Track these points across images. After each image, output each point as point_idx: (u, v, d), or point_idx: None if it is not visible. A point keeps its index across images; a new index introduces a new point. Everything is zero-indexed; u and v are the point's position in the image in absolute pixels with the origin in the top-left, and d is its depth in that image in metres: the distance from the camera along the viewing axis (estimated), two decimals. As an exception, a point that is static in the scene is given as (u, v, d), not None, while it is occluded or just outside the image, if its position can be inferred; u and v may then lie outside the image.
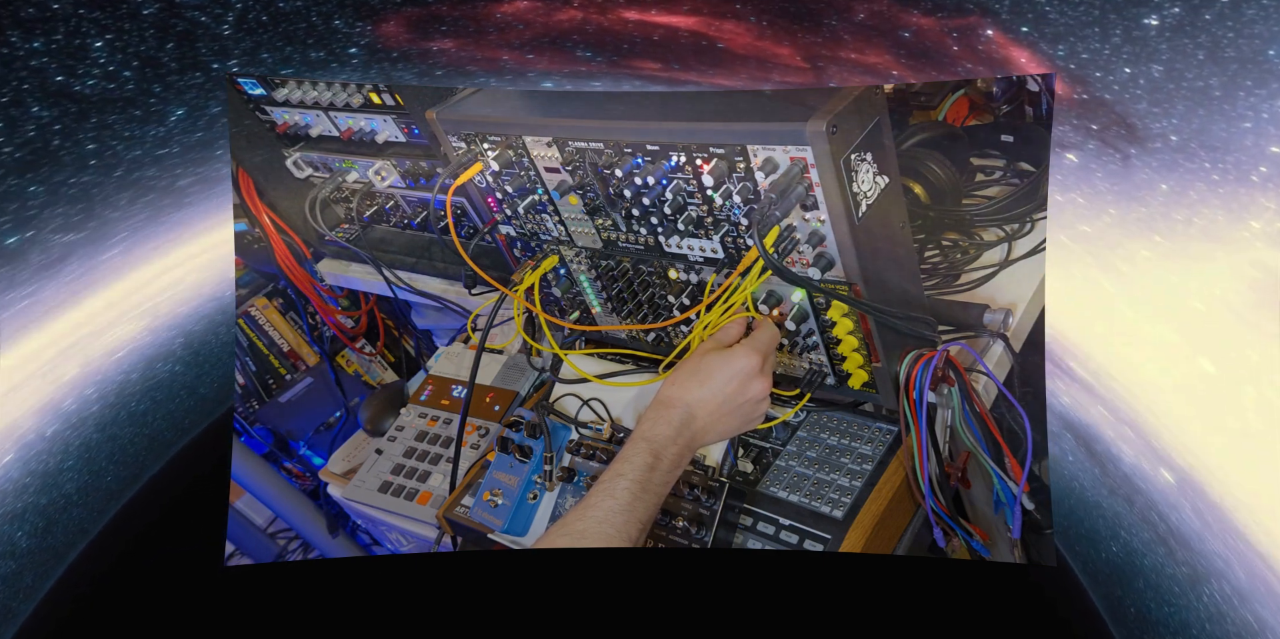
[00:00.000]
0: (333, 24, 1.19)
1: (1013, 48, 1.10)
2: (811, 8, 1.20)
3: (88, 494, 1.45)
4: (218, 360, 1.64)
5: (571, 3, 1.29)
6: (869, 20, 1.18)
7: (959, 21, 1.11)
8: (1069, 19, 1.03)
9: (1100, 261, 1.17)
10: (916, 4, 1.15)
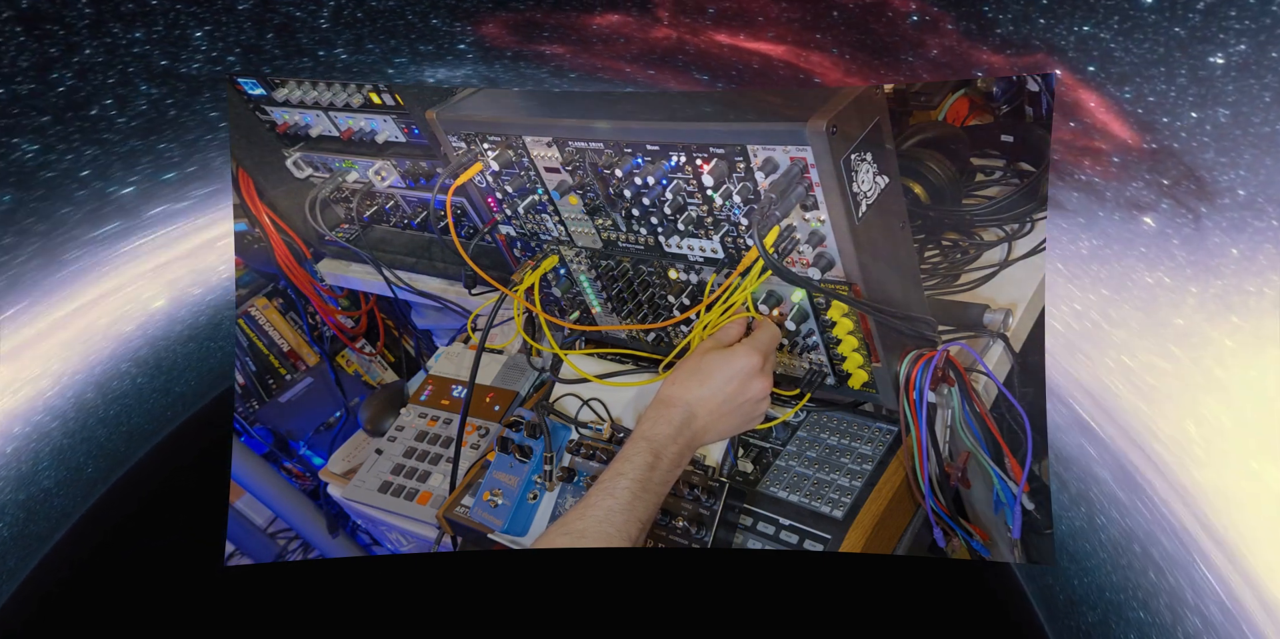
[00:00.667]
0: (430, 22, 1.20)
1: (1081, 90, 1.06)
2: (887, 41, 1.18)
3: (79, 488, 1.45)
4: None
5: (662, 21, 1.30)
6: (942, 57, 1.16)
7: (1027, 59, 1.08)
8: (1134, 57, 0.99)
9: (1197, 364, 1.05)
10: (985, 39, 1.12)
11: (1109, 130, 1.06)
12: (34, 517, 1.38)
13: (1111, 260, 1.12)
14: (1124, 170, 1.08)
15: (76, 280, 1.30)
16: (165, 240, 1.40)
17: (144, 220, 1.32)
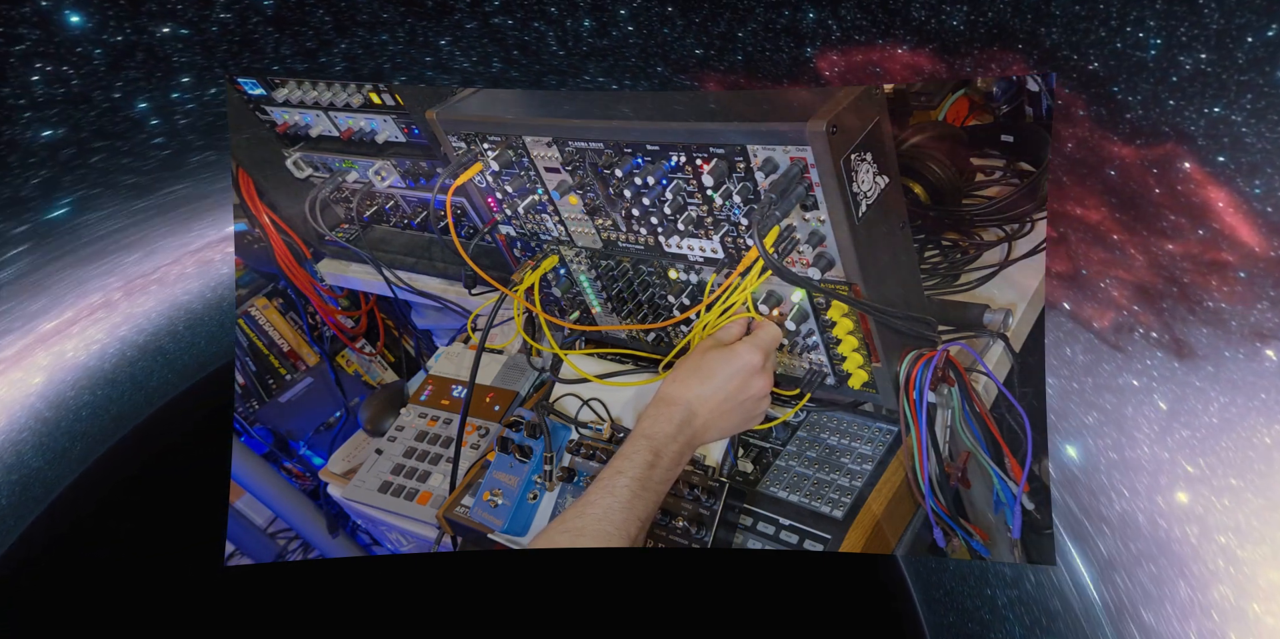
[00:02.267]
0: (656, 69, 1.25)
1: (1210, 186, 0.97)
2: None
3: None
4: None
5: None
6: (1076, 152, 1.10)
7: (1157, 150, 1.01)
8: (1266, 143, 0.91)
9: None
10: (1114, 127, 1.05)
11: (1236, 236, 0.95)
12: (30, 516, 1.38)
13: (1235, 420, 0.98)
14: (1250, 288, 0.94)
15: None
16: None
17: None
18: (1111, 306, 1.12)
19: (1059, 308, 1.19)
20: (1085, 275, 1.15)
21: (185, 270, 1.54)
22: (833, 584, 1.26)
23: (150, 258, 1.46)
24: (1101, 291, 1.13)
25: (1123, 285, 1.10)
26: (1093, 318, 1.15)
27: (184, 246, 1.49)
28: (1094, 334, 1.14)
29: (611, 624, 1.20)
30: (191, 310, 1.64)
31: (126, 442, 1.63)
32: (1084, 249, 1.15)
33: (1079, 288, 1.16)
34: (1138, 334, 1.08)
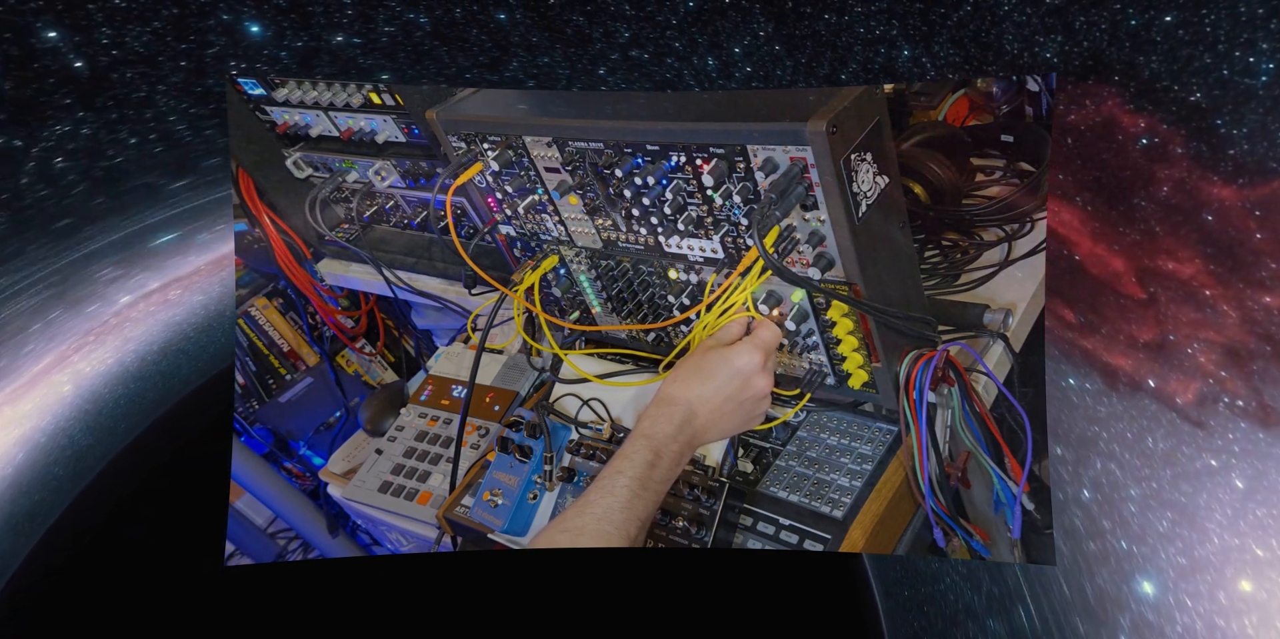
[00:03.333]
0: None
1: None
2: (1119, 175, 1.06)
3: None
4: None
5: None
6: (1172, 197, 1.03)
7: (1262, 189, 0.96)
8: None
9: None
10: (1215, 165, 0.99)
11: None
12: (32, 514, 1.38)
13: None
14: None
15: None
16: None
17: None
18: (1197, 375, 1.04)
19: (1143, 388, 1.08)
20: (1173, 341, 1.06)
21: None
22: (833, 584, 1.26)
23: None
24: (1188, 359, 1.05)
25: (1210, 348, 1.03)
26: (1176, 392, 1.06)
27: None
28: (1176, 413, 1.05)
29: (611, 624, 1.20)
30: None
31: (131, 443, 1.63)
32: (1174, 310, 1.05)
33: (1166, 358, 1.07)
34: (1222, 404, 1.01)
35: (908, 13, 1.09)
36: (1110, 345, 1.10)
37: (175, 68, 1.03)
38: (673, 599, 1.21)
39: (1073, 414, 1.12)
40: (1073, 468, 1.12)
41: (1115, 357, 1.10)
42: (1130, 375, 1.10)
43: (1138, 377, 1.09)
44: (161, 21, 0.93)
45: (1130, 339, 1.10)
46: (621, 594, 1.21)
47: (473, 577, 1.29)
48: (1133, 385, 1.09)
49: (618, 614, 1.21)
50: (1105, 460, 1.09)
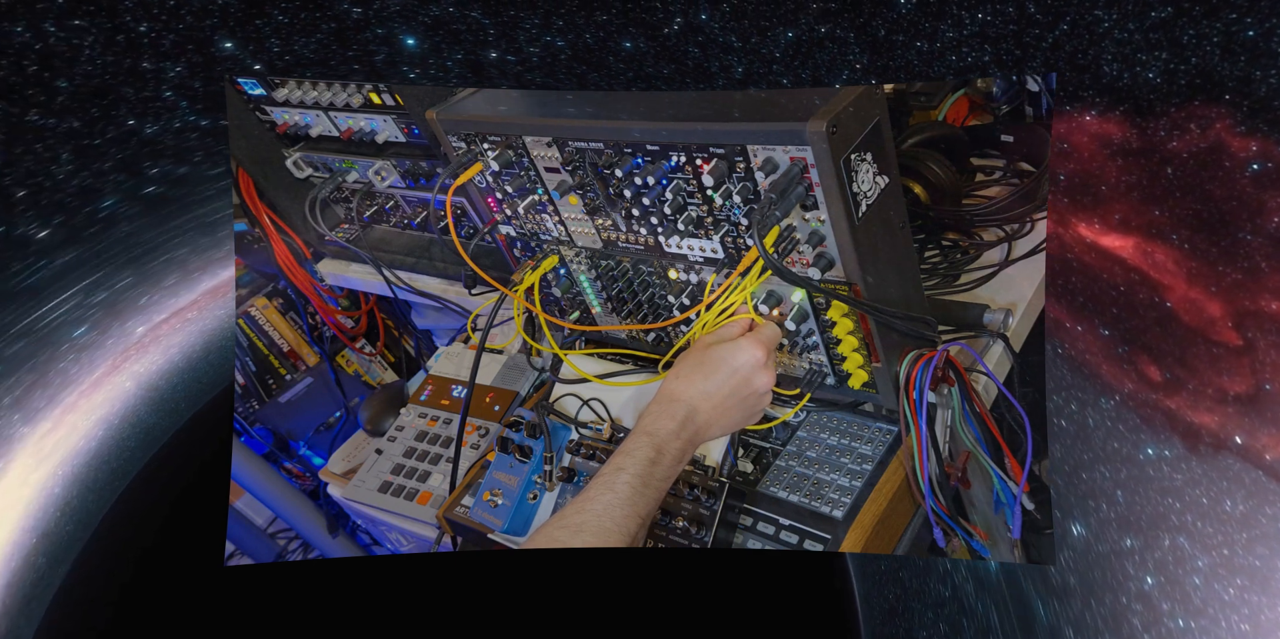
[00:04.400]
0: None
1: None
2: (1223, 208, 0.98)
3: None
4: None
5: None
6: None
7: None
8: None
9: None
10: None
11: None
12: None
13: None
14: None
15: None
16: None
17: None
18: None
19: (1228, 446, 1.00)
20: (1269, 391, 0.97)
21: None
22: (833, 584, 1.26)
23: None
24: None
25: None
26: (1266, 448, 0.98)
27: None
28: (1263, 470, 0.98)
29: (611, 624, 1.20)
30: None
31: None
32: (1273, 356, 0.97)
33: (1258, 411, 0.98)
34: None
35: (1001, 36, 1.04)
36: (1196, 402, 1.02)
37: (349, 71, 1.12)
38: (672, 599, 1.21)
39: (1146, 489, 1.04)
40: (1139, 556, 1.03)
41: (1200, 414, 1.02)
42: (1215, 434, 1.02)
43: (1223, 434, 1.02)
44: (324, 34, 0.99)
45: (1219, 393, 1.04)
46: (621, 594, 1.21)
47: (473, 577, 1.29)
48: (1216, 445, 1.02)
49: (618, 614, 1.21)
50: (1174, 535, 1.02)
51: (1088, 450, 1.09)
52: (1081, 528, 1.09)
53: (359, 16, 0.99)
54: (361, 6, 0.99)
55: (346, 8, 0.98)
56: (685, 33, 1.07)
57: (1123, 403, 1.07)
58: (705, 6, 1.03)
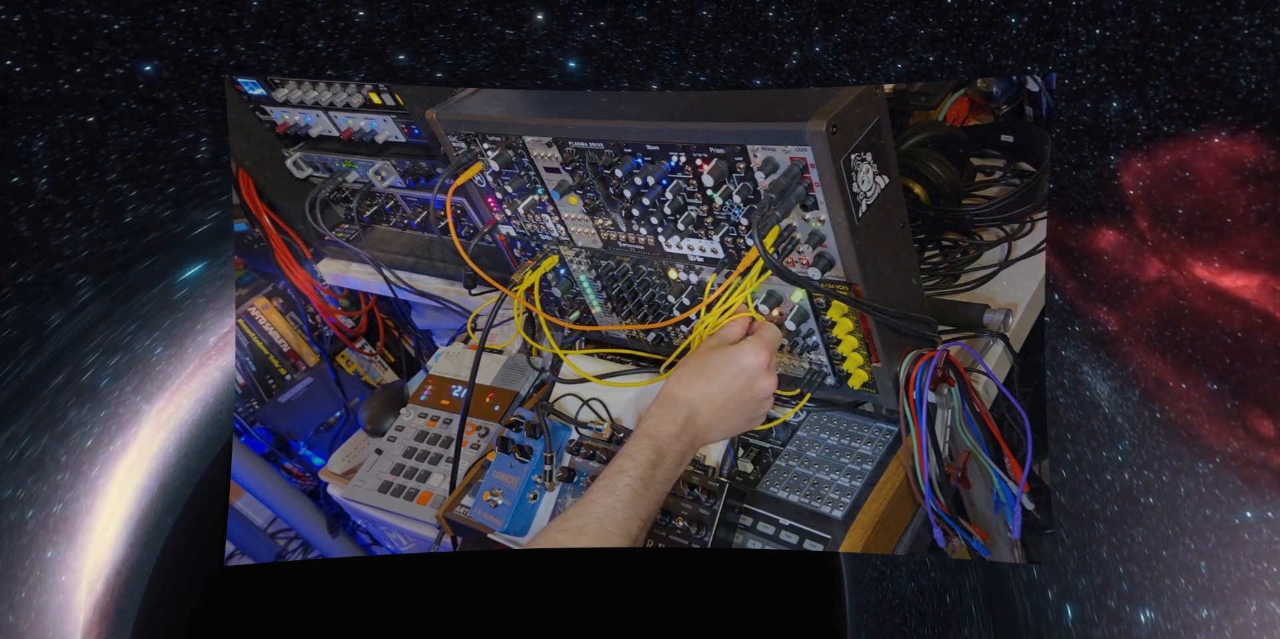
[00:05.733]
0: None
1: None
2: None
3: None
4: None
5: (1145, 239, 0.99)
6: None
7: None
8: None
9: None
10: None
11: None
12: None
13: None
14: None
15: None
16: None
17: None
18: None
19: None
20: None
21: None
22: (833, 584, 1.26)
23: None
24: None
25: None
26: None
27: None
28: None
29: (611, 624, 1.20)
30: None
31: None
32: None
33: None
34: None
35: (1119, 53, 0.94)
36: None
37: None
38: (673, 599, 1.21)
39: (1237, 555, 0.95)
40: (1215, 625, 0.95)
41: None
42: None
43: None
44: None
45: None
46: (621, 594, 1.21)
47: (473, 577, 1.29)
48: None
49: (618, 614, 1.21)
50: (1264, 600, 0.93)
51: (1174, 524, 0.99)
52: (1152, 612, 0.99)
53: (511, 38, 1.01)
54: (513, 29, 1.01)
55: (499, 30, 1.00)
56: (803, 68, 1.04)
57: (1223, 464, 0.98)
58: (819, 38, 1.01)
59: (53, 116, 0.86)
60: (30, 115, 0.86)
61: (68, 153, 0.87)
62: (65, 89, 0.86)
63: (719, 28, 1.01)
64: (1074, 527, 1.02)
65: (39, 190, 0.86)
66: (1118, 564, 1.01)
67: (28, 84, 0.84)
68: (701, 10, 1.00)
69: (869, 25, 1.01)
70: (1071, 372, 1.07)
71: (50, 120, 0.86)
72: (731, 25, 1.01)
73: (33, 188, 0.85)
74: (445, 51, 1.01)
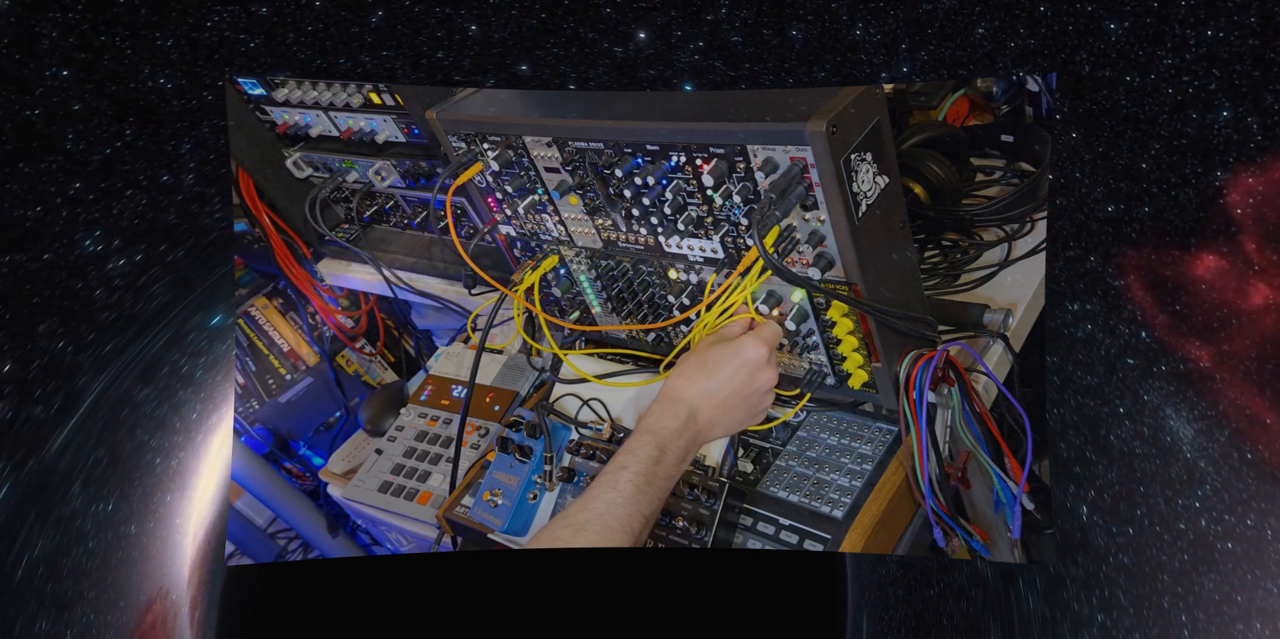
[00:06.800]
0: None
1: None
2: None
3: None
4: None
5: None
6: None
7: None
8: None
9: None
10: None
11: None
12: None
13: None
14: None
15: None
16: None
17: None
18: None
19: None
20: None
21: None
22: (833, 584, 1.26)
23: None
24: None
25: None
26: None
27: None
28: None
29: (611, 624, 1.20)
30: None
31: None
32: None
33: None
34: None
35: (1234, 56, 0.84)
36: None
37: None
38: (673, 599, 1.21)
39: None
40: None
41: None
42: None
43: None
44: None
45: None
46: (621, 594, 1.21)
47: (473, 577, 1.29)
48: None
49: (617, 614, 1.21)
50: None
51: (1255, 568, 0.94)
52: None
53: (622, 56, 1.04)
54: (621, 46, 1.03)
55: (607, 47, 1.03)
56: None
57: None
58: (905, 57, 0.99)
59: (198, 124, 1.03)
60: (178, 124, 1.02)
61: (210, 151, 1.03)
62: (209, 100, 1.02)
63: (809, 49, 1.00)
64: (1133, 584, 0.96)
65: (186, 185, 1.03)
66: (1180, 612, 0.96)
67: (177, 98, 1.01)
68: (791, 30, 0.99)
69: (956, 40, 0.97)
70: (1154, 417, 0.99)
71: (196, 127, 1.03)
72: (821, 46, 0.99)
73: (180, 183, 1.02)
74: (565, 65, 1.04)
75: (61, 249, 0.98)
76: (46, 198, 0.97)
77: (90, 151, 0.98)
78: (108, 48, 0.97)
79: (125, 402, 1.02)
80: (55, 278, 0.98)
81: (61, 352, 0.99)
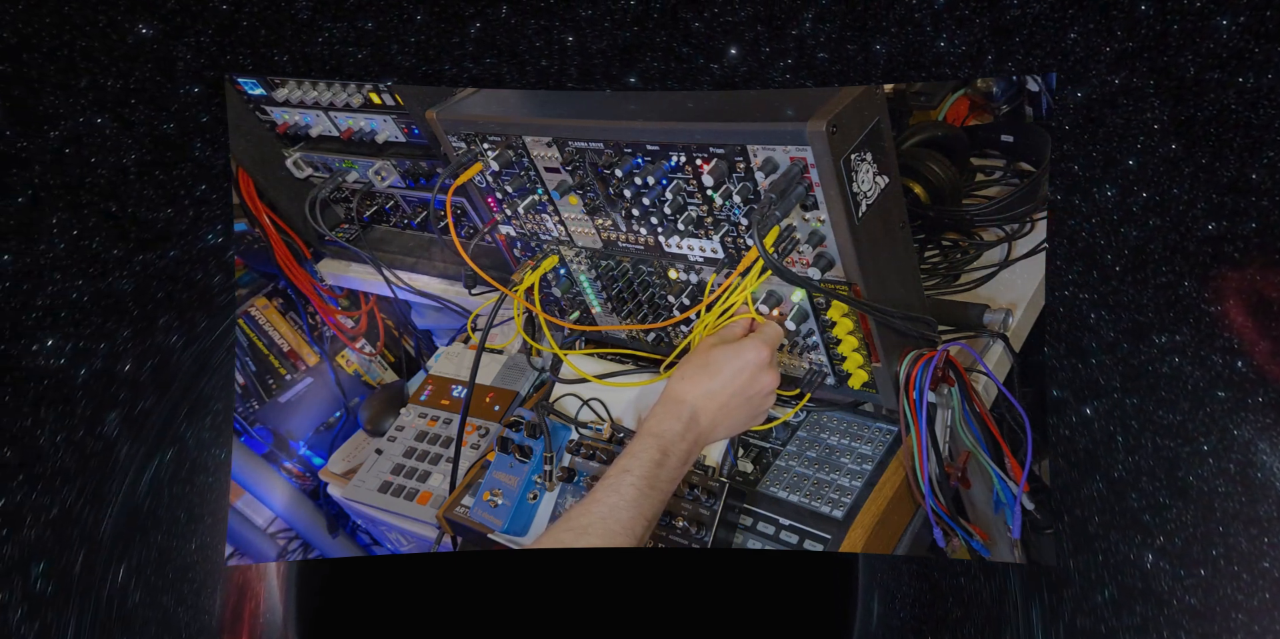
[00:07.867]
0: None
1: None
2: None
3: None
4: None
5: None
6: None
7: None
8: None
9: None
10: None
11: None
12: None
13: None
14: None
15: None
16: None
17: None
18: None
19: None
20: None
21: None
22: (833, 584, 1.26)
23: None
24: None
25: None
26: None
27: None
28: None
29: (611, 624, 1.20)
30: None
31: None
32: None
33: None
34: None
35: None
36: None
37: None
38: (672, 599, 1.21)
39: None
40: None
41: None
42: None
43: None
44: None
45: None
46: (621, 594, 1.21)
47: (473, 577, 1.29)
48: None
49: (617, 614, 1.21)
50: None
51: None
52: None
53: (719, 72, 1.10)
54: (717, 62, 1.09)
55: (703, 62, 1.08)
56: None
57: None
58: (991, 69, 0.96)
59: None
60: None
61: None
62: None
63: (893, 65, 0.98)
64: (1198, 624, 0.92)
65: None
66: (1251, 649, 0.91)
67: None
68: (875, 44, 0.97)
69: (1046, 47, 0.92)
70: (1243, 453, 0.92)
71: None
72: (905, 61, 0.97)
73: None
74: (670, 78, 1.07)
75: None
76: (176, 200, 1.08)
77: (215, 158, 1.10)
78: (232, 66, 1.08)
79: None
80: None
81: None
